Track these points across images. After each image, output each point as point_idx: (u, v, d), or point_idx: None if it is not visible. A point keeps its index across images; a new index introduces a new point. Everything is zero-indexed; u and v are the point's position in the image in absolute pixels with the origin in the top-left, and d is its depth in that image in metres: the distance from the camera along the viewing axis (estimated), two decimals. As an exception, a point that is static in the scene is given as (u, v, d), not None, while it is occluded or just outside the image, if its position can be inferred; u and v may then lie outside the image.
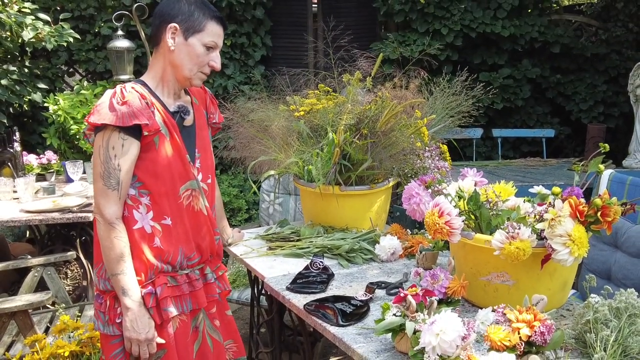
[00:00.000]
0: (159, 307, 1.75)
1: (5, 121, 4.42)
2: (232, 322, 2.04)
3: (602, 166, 1.80)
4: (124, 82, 1.82)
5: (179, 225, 1.78)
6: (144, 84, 1.79)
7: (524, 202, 1.84)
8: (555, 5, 6.52)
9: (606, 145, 1.84)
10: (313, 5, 5.93)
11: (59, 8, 5.02)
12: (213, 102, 2.05)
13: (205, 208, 1.85)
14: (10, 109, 4.60)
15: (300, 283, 2.04)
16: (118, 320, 1.74)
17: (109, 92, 1.71)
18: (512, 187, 1.90)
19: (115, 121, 1.65)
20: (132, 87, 1.73)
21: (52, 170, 4.06)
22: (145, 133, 1.69)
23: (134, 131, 1.68)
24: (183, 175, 1.79)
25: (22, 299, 2.49)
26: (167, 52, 1.77)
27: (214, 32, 1.78)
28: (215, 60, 1.81)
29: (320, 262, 2.16)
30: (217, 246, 1.93)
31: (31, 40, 4.04)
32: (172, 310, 1.76)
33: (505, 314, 1.49)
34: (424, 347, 1.41)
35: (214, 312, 1.94)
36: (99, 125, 1.68)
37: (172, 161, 1.76)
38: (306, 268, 2.15)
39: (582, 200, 1.66)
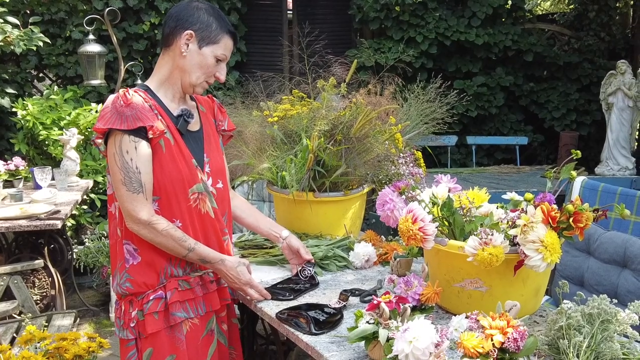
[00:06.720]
0: (167, 311, 1.78)
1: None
2: (237, 330, 2.07)
3: (574, 172, 1.81)
4: (94, 87, 1.83)
5: (189, 227, 1.81)
6: (147, 89, 1.81)
7: (497, 208, 1.84)
8: (528, 14, 6.62)
9: (578, 152, 1.85)
10: (288, 12, 5.92)
11: (28, 11, 4.93)
12: (221, 110, 2.07)
13: (212, 210, 1.88)
14: (-22, 114, 4.51)
15: (279, 287, 2.03)
16: (132, 325, 1.78)
17: (111, 97, 1.74)
18: (486, 193, 1.90)
19: (120, 125, 1.68)
20: (135, 91, 1.76)
21: (20, 177, 3.96)
22: (150, 135, 1.72)
23: (142, 133, 1.71)
24: (189, 178, 1.81)
25: (-14, 309, 2.42)
26: (177, 56, 1.81)
27: (226, 46, 1.84)
28: (221, 72, 1.87)
29: (310, 270, 2.12)
30: (226, 248, 1.94)
31: (-1, 44, 3.95)
32: (180, 315, 1.79)
33: (478, 321, 1.47)
34: (397, 355, 1.40)
35: (223, 316, 1.97)
36: (106, 131, 1.71)
37: (179, 164, 1.79)
38: (296, 275, 2.13)
39: (555, 206, 1.66)
